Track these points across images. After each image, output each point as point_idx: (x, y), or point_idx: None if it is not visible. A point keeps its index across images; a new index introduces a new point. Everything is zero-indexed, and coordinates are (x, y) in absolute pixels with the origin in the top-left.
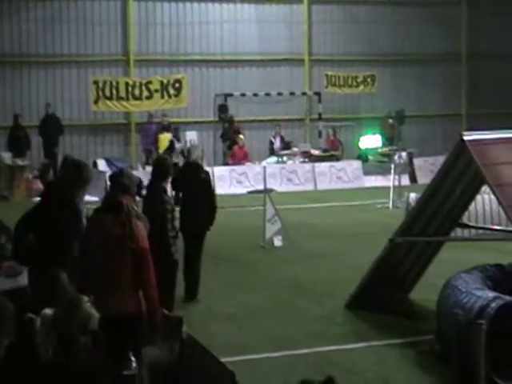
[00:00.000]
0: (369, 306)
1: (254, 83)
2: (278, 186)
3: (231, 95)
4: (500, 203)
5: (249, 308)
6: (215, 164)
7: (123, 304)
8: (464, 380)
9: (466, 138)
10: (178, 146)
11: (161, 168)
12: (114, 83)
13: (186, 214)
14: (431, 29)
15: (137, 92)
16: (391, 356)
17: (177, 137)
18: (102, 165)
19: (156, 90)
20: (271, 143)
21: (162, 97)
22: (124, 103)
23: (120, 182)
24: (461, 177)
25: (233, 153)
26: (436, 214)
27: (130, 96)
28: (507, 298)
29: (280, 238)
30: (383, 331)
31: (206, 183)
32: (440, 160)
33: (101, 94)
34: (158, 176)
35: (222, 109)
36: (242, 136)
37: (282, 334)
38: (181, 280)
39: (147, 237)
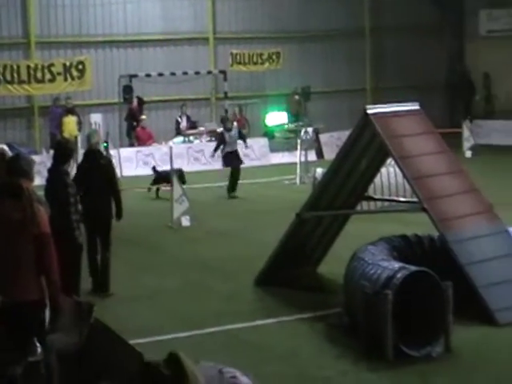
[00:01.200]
0: (277, 282)
1: (159, 63)
2: (185, 165)
3: (136, 76)
4: (404, 175)
5: (157, 289)
6: (121, 146)
7: (26, 291)
8: (372, 350)
9: (369, 111)
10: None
11: (62, 151)
12: (15, 67)
13: (87, 202)
14: (335, 5)
15: (39, 75)
16: (301, 330)
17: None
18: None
19: (59, 73)
20: (177, 123)
21: (66, 79)
22: (26, 87)
23: (18, 166)
24: (366, 150)
25: (136, 134)
26: (342, 188)
27: (32, 79)
28: (413, 267)
29: (188, 217)
30: (292, 306)
31: (106, 169)
32: (346, 135)
33: (1, 78)
34: (58, 159)
35: (127, 90)
36: (144, 116)
37: (190, 314)
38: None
39: (49, 221)
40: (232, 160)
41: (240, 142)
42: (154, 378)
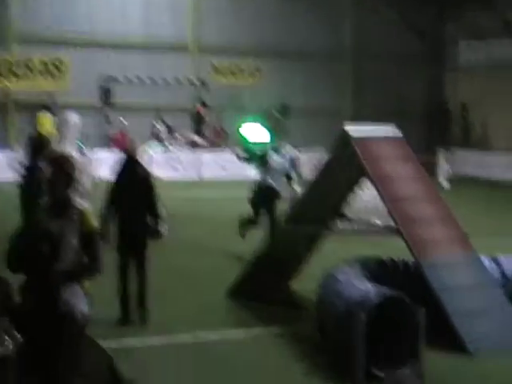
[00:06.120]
0: (251, 295)
1: (140, 68)
2: (161, 173)
3: (116, 78)
4: (381, 197)
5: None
6: (98, 148)
7: None
8: (342, 369)
9: (349, 132)
10: None
11: (35, 147)
12: None
13: (122, 219)
14: (318, 25)
15: (17, 70)
16: (271, 344)
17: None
18: None
19: (37, 70)
20: (155, 129)
21: (44, 77)
22: (3, 81)
23: None
24: (343, 170)
25: (115, 137)
26: (319, 206)
27: (9, 74)
28: (387, 290)
29: (165, 226)
30: (264, 320)
31: (145, 181)
32: (324, 155)
33: None
34: (33, 155)
35: (106, 92)
36: (126, 123)
37: (161, 322)
38: None
39: None
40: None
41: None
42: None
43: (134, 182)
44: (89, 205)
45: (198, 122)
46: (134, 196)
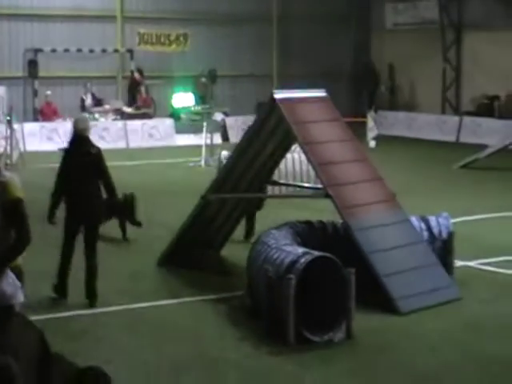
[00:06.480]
0: (181, 264)
1: (65, 39)
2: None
3: (41, 50)
4: (309, 161)
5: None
6: (25, 120)
7: None
8: (274, 334)
9: (276, 96)
10: None
11: None
12: None
13: (72, 198)
14: None
15: None
16: (203, 312)
17: None
18: None
19: None
20: (82, 100)
21: None
22: None
23: None
24: (271, 135)
25: (41, 109)
26: (247, 172)
27: None
28: (316, 253)
29: None
30: (195, 288)
31: (96, 159)
32: (251, 119)
33: None
34: None
35: (32, 64)
36: (49, 92)
37: (99, 291)
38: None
39: None
40: None
41: None
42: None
43: (85, 162)
44: (15, 176)
45: (133, 91)
46: (87, 176)
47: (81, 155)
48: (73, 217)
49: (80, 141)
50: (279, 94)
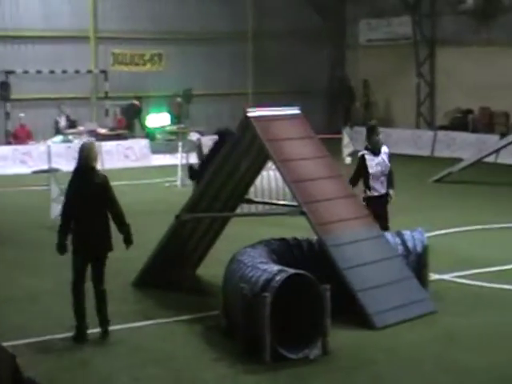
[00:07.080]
0: (156, 284)
1: (38, 60)
2: (64, 165)
3: (13, 72)
4: (284, 178)
5: (32, 290)
6: None
7: None
8: (250, 353)
9: (250, 114)
10: None
11: None
12: None
13: (81, 229)
14: (218, 7)
15: None
16: (178, 332)
17: None
18: None
19: None
20: (56, 122)
21: None
22: None
23: None
24: (246, 153)
25: (14, 132)
26: (222, 190)
27: None
28: (291, 270)
29: None
30: (170, 308)
31: (103, 188)
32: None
33: None
34: None
35: (4, 86)
36: (22, 114)
37: (66, 315)
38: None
39: None
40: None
41: None
42: None
43: (93, 193)
44: None
45: (134, 117)
46: (95, 207)
47: (87, 185)
48: (84, 251)
49: (86, 171)
50: (253, 112)
